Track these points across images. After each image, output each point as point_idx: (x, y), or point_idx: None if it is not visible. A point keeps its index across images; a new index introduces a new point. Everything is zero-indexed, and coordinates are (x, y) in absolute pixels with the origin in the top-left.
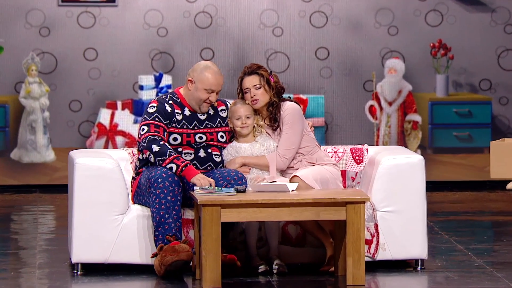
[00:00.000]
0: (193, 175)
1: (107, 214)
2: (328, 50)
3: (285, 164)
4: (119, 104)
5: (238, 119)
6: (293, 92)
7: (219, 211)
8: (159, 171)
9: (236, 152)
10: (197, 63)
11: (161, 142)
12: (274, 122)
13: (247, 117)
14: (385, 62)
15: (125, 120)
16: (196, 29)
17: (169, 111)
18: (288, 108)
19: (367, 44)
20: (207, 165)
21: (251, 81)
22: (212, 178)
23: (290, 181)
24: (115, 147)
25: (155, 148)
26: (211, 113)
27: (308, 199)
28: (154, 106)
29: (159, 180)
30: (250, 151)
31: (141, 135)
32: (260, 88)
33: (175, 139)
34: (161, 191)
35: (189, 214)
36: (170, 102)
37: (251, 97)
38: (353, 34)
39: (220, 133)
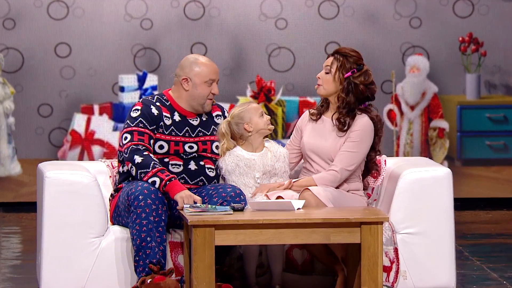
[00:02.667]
0: (177, 191)
1: (82, 237)
2: (339, 45)
3: (336, 183)
4: (96, 108)
5: (262, 116)
6: (299, 94)
7: (213, 233)
8: (139, 187)
9: (244, 165)
10: (184, 59)
11: (145, 153)
12: (340, 124)
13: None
14: (407, 59)
15: (103, 127)
16: (186, 21)
17: (155, 114)
18: (360, 124)
19: (385, 39)
20: (198, 179)
21: (327, 61)
22: (204, 194)
23: (300, 196)
24: (91, 158)
25: (138, 159)
26: (204, 119)
27: (317, 219)
28: (138, 110)
29: (140, 197)
30: (261, 162)
31: (123, 144)
32: (328, 73)
33: (161, 147)
34: (142, 210)
35: (178, 236)
36: (158, 104)
37: (317, 78)
38: (368, 27)
39: (215, 143)
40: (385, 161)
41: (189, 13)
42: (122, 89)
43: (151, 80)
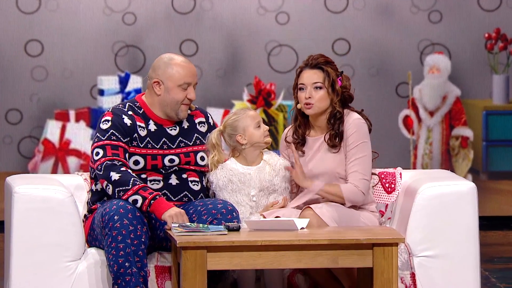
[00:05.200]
0: (164, 209)
1: (56, 260)
2: (349, 42)
3: (362, 200)
4: (72, 114)
5: (259, 126)
6: None
7: (205, 256)
8: (114, 206)
9: (238, 181)
10: (157, 59)
11: (122, 168)
12: (335, 139)
13: (265, 124)
14: (425, 58)
15: (80, 136)
16: (174, 15)
17: (128, 124)
18: (354, 123)
19: (401, 35)
20: (182, 195)
21: (311, 76)
22: (192, 210)
23: (301, 215)
24: (66, 171)
25: (115, 176)
26: (185, 126)
27: (323, 240)
28: (108, 121)
29: (115, 218)
30: (258, 178)
31: (95, 160)
32: (320, 88)
33: (136, 162)
34: (118, 233)
35: (165, 260)
36: (130, 113)
37: (306, 98)
38: (382, 22)
39: (200, 154)
40: (400, 174)
41: (178, 6)
42: (101, 92)
43: (135, 82)
